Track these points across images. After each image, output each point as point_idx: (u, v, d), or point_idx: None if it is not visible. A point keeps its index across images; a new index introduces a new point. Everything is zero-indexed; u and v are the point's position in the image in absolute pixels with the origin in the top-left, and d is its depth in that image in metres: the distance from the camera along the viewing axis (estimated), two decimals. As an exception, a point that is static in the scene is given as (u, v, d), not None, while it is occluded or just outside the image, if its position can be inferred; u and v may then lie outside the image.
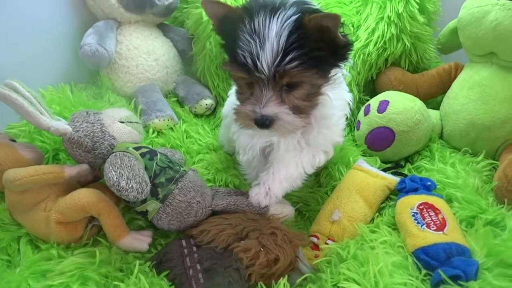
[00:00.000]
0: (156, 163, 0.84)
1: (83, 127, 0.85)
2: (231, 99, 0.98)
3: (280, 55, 0.69)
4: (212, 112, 1.43)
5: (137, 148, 0.85)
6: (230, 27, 0.74)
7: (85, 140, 0.84)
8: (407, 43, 1.26)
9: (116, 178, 0.73)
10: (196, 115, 1.39)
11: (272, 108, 0.74)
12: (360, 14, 1.32)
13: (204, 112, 1.39)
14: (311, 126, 0.86)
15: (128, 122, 0.90)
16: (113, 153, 0.80)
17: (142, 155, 0.84)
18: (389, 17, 1.22)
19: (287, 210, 0.95)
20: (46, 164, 1.00)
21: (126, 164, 0.76)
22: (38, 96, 0.87)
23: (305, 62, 0.70)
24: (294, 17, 0.69)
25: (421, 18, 1.26)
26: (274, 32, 0.69)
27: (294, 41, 0.69)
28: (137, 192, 0.74)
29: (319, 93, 0.80)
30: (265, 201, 0.88)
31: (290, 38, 0.69)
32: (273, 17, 0.69)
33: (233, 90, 1.00)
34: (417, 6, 1.23)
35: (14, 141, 0.95)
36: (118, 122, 0.88)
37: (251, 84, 0.76)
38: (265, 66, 0.70)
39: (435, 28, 1.39)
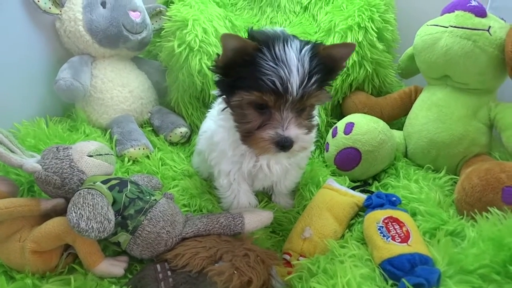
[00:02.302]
0: (125, 194, 0.86)
1: (52, 164, 0.88)
2: (207, 135, 1.03)
3: (306, 78, 0.76)
4: (187, 140, 1.46)
5: (106, 181, 0.87)
6: (246, 59, 0.76)
7: (53, 178, 0.86)
8: (368, 69, 1.34)
9: (76, 219, 0.74)
10: (171, 143, 1.43)
11: (294, 130, 0.80)
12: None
13: (179, 140, 1.42)
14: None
15: (97, 155, 0.93)
16: (78, 190, 0.81)
17: (111, 187, 0.86)
18: (350, 46, 1.31)
19: (265, 218, 0.96)
20: (21, 197, 1.01)
21: (88, 203, 0.76)
22: (9, 135, 0.90)
23: (320, 85, 0.79)
24: (308, 46, 0.78)
25: (380, 46, 1.35)
26: (296, 58, 0.75)
27: (314, 66, 0.77)
28: (98, 231, 0.74)
29: (313, 113, 0.88)
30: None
31: (312, 63, 0.77)
32: (289, 47, 0.76)
33: (206, 127, 1.06)
34: (376, 35, 1.33)
35: (-12, 174, 0.97)
36: (86, 157, 0.91)
37: (263, 112, 0.81)
38: (294, 88, 0.75)
39: (395, 54, 1.49)
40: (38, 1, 1.27)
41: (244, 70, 0.77)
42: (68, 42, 1.39)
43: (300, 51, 0.77)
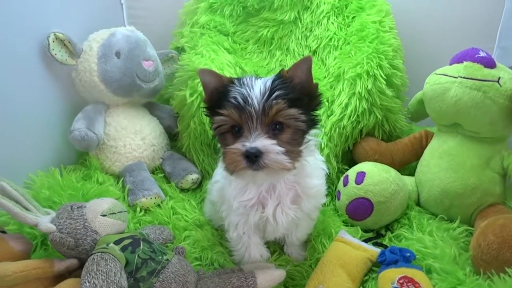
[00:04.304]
0: (138, 255, 0.86)
1: (66, 224, 0.89)
2: (218, 186, 1.04)
3: (267, 93, 0.81)
4: (198, 186, 1.47)
5: (119, 241, 0.88)
6: (221, 90, 0.86)
7: (67, 240, 0.88)
8: (378, 115, 1.35)
9: None
10: (183, 190, 1.43)
11: (261, 141, 0.80)
12: (333, 89, 1.42)
13: (190, 186, 1.43)
14: (301, 198, 0.95)
15: (110, 214, 0.94)
16: (92, 254, 0.81)
17: (124, 248, 0.86)
18: (360, 93, 1.32)
19: (277, 277, 0.94)
20: (34, 250, 1.02)
21: (101, 271, 0.76)
22: (25, 193, 0.92)
23: (287, 102, 0.81)
24: (274, 75, 0.86)
25: (389, 92, 1.36)
26: (260, 81, 0.83)
27: (277, 85, 0.82)
28: None
29: (301, 142, 0.88)
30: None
31: (274, 83, 0.82)
32: (257, 79, 0.85)
33: (218, 176, 1.06)
34: (385, 82, 1.33)
35: (4, 232, 0.98)
36: (100, 216, 0.92)
37: (238, 133, 0.83)
38: (255, 101, 0.80)
39: (405, 98, 1.50)
40: (55, 54, 1.31)
41: (218, 101, 0.84)
42: (83, 91, 1.43)
43: (266, 78, 0.84)
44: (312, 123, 0.89)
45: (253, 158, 0.79)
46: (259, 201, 0.95)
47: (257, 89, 0.81)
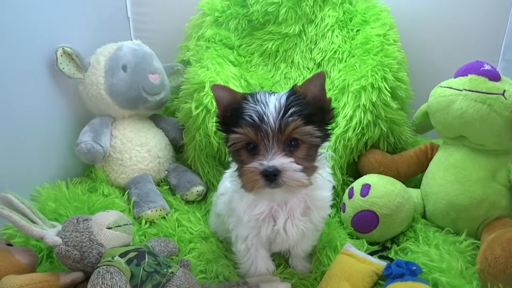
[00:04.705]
0: (143, 268, 0.86)
1: (72, 237, 0.90)
2: (225, 198, 1.04)
3: (283, 110, 0.80)
4: (203, 198, 1.47)
5: (125, 253, 0.88)
6: (235, 106, 0.85)
7: (73, 253, 0.88)
8: (383, 128, 1.35)
9: None
10: (188, 202, 1.44)
11: (278, 159, 0.80)
12: (338, 102, 1.43)
13: (195, 198, 1.44)
14: (310, 210, 0.96)
15: (116, 226, 0.95)
16: (97, 267, 0.81)
17: (129, 261, 0.86)
18: (364, 106, 1.32)
19: None
20: (40, 263, 1.03)
21: (107, 284, 0.76)
22: (32, 206, 0.93)
23: (303, 119, 0.81)
24: (287, 90, 0.86)
25: (394, 105, 1.36)
26: (274, 98, 0.83)
27: (291, 101, 0.82)
28: None
29: (315, 156, 0.89)
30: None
31: (288, 100, 0.82)
32: (271, 94, 0.85)
33: (223, 189, 1.06)
34: (389, 95, 1.34)
35: (10, 244, 0.98)
36: (106, 229, 0.93)
37: (254, 151, 0.83)
38: (271, 119, 0.80)
39: (409, 110, 1.50)
40: (63, 68, 1.33)
41: (233, 118, 0.84)
42: (89, 104, 1.44)
43: (280, 94, 0.85)
44: (325, 137, 0.89)
45: (272, 177, 0.80)
46: (271, 215, 0.95)
47: (272, 106, 0.81)
